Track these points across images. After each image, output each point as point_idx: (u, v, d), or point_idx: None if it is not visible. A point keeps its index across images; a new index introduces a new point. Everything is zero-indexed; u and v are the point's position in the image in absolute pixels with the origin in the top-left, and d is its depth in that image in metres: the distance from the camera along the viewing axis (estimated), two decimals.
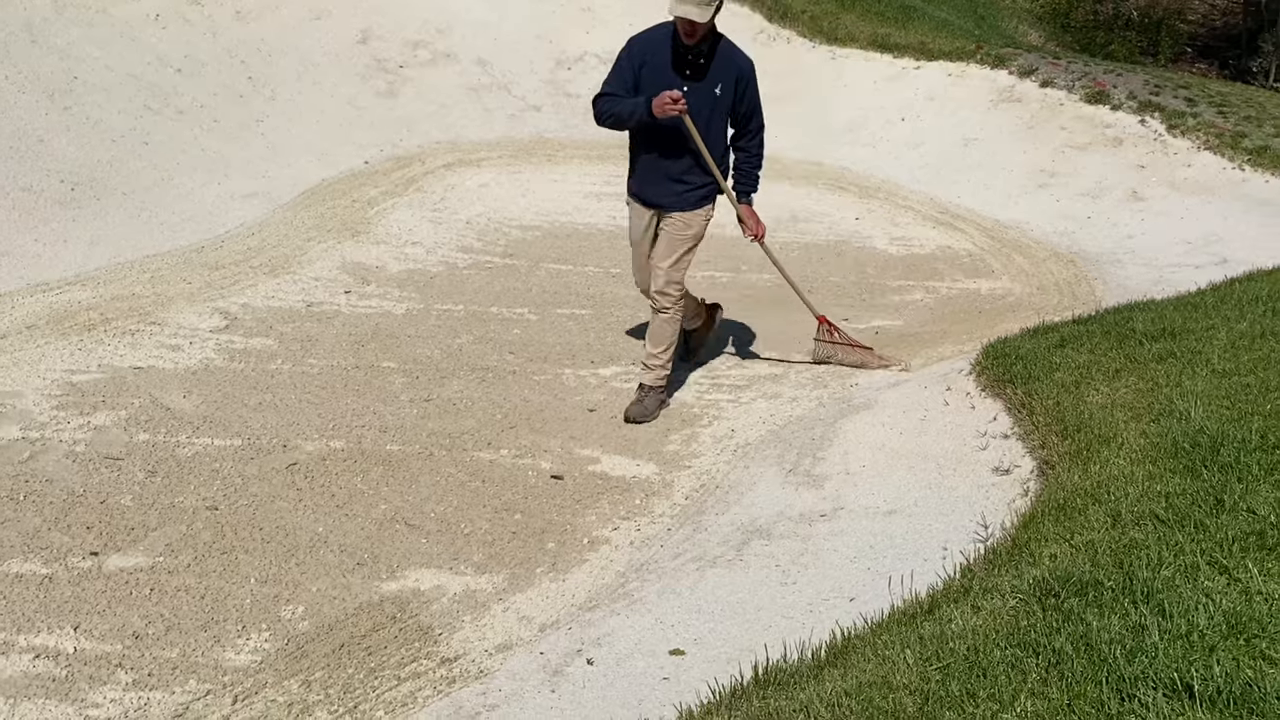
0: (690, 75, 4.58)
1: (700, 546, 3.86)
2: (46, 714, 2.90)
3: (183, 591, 3.48)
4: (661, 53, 4.57)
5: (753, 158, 4.96)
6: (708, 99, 4.62)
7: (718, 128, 4.74)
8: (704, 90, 4.60)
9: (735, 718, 2.15)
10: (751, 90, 4.77)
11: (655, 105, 4.42)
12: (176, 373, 4.99)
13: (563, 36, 10.13)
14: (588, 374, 5.38)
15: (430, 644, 3.32)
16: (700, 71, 4.59)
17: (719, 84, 4.63)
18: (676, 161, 4.72)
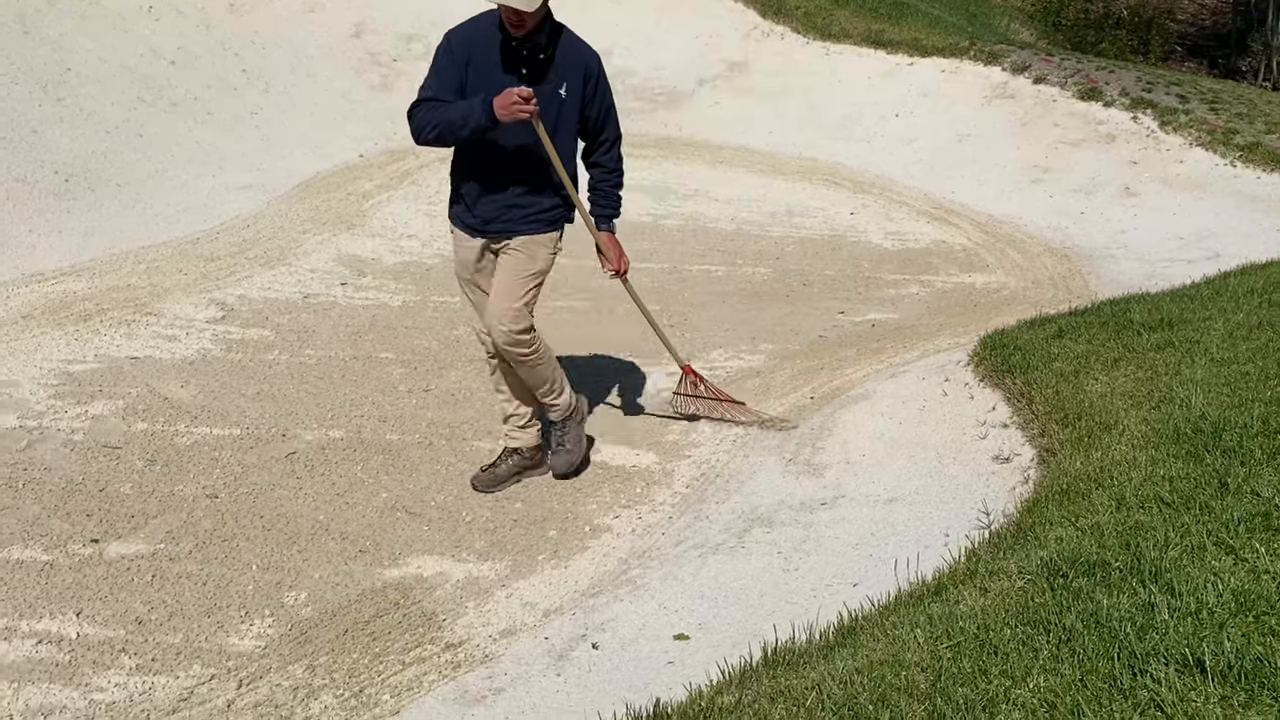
0: (527, 75, 3.70)
1: (702, 534, 3.86)
2: (51, 698, 2.88)
3: (184, 578, 3.47)
4: (489, 49, 3.69)
5: (610, 174, 4.06)
6: (551, 104, 3.73)
7: (565, 139, 3.85)
8: (545, 93, 3.71)
9: (747, 696, 2.16)
10: (603, 91, 3.90)
11: (498, 105, 3.52)
12: (174, 363, 4.97)
13: None
14: (585, 366, 5.37)
15: (434, 629, 3.31)
16: (539, 71, 3.72)
17: (563, 84, 3.76)
18: (515, 178, 3.83)
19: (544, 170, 3.84)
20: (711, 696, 2.23)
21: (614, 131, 4.01)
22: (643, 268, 6.72)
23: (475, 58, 3.69)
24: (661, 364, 5.39)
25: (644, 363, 5.39)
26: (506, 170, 3.83)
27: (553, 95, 3.74)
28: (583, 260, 6.85)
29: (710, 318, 6.04)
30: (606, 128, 3.97)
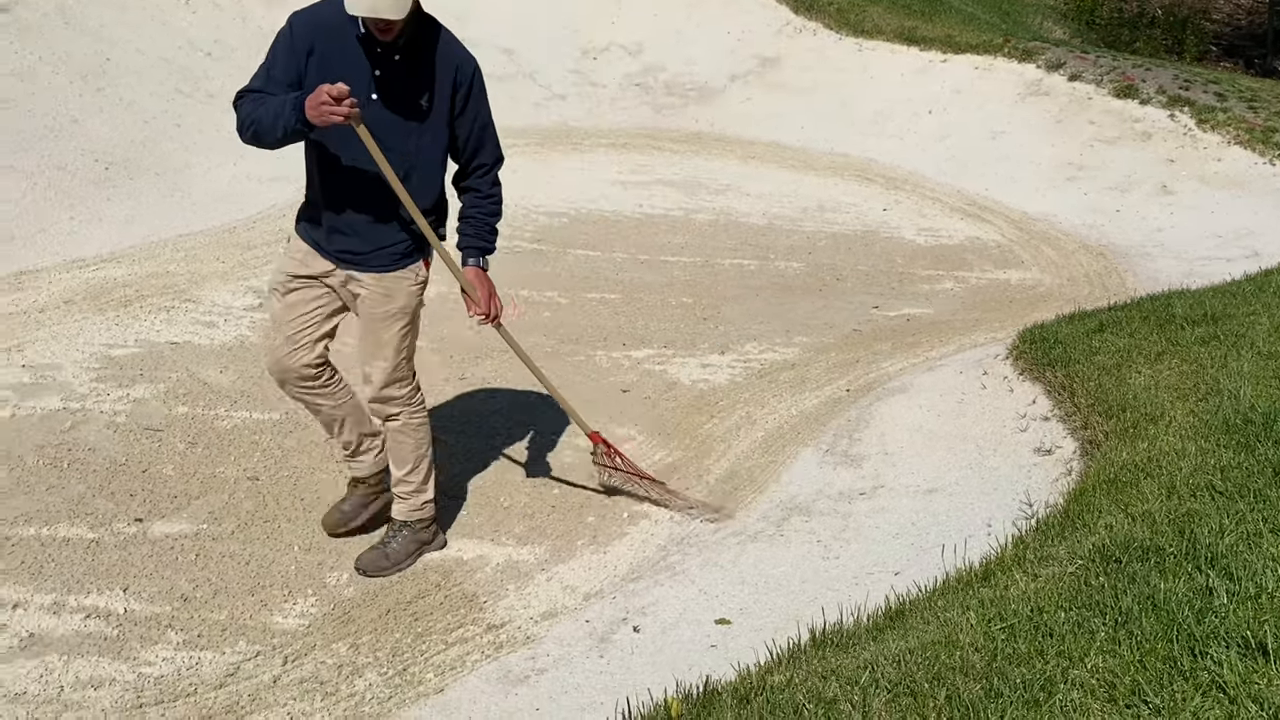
0: (380, 78, 3.05)
1: (739, 522, 3.86)
2: (100, 670, 2.91)
3: (228, 558, 3.49)
4: (338, 40, 3.02)
5: (484, 201, 3.37)
6: (410, 114, 3.11)
7: (430, 157, 3.19)
8: (403, 103, 3.09)
9: (798, 675, 2.15)
10: (476, 105, 3.22)
11: (308, 105, 2.85)
12: (212, 349, 5.01)
13: (588, 25, 10.14)
14: (620, 356, 5.38)
15: (476, 610, 3.33)
16: (395, 75, 3.07)
17: (425, 94, 3.11)
18: (365, 200, 3.15)
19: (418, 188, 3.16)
20: (762, 675, 2.23)
21: (492, 154, 3.33)
22: (674, 261, 6.73)
23: (319, 49, 3.02)
24: (696, 355, 5.39)
25: (677, 354, 5.39)
26: (356, 190, 3.15)
27: (411, 106, 3.11)
28: (612, 252, 6.87)
29: (743, 311, 6.03)
30: (482, 150, 3.28)
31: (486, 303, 3.43)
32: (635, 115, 9.39)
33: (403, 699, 2.92)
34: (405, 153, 3.13)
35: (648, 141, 8.91)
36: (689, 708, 2.16)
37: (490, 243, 3.46)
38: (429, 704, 2.88)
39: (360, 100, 2.95)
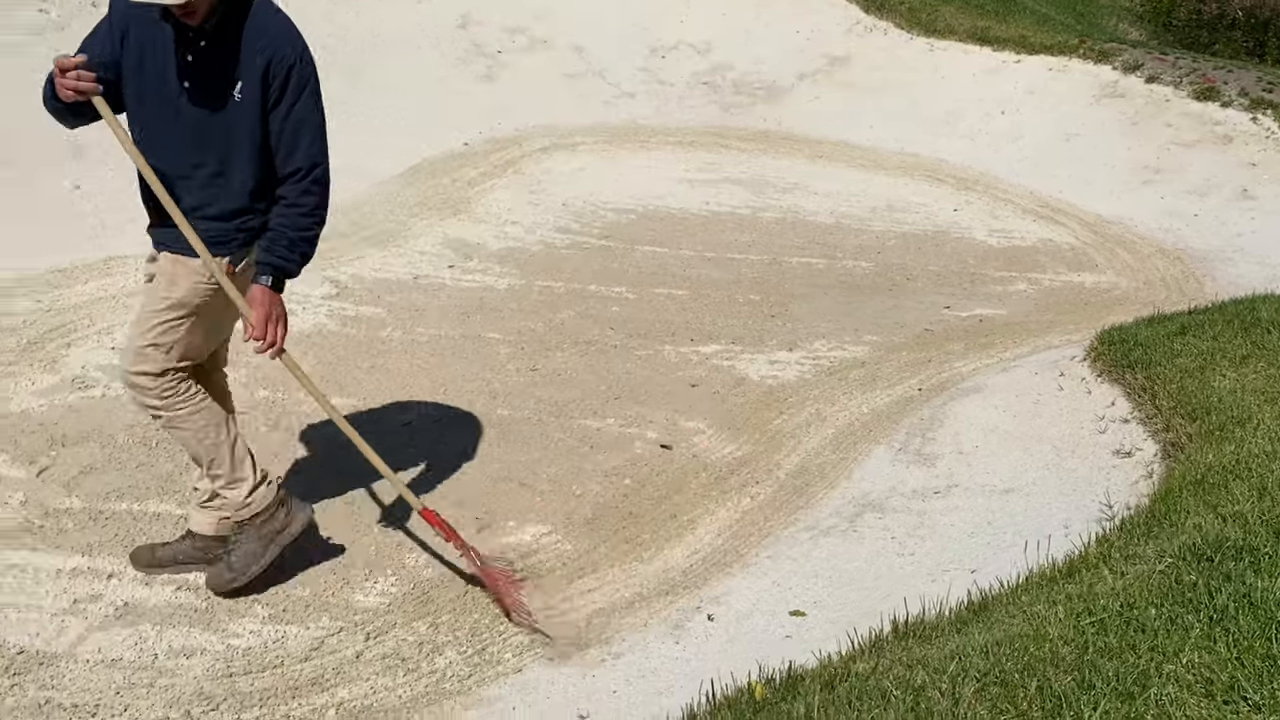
0: (192, 64, 2.81)
1: (812, 517, 3.86)
2: (192, 640, 3.01)
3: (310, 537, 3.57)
4: (156, 26, 2.81)
5: (289, 211, 2.95)
6: (220, 104, 2.82)
7: (244, 153, 2.88)
8: (214, 90, 2.81)
9: (882, 664, 2.16)
10: (292, 96, 2.86)
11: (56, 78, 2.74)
12: (292, 336, 5.04)
13: (657, 24, 10.17)
14: (688, 351, 5.40)
15: (552, 594, 3.37)
16: (206, 62, 2.81)
17: (239, 84, 2.81)
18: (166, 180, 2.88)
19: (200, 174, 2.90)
20: (845, 663, 2.23)
21: (306, 158, 2.90)
22: (741, 258, 6.74)
23: (134, 31, 2.83)
24: (764, 352, 5.39)
25: (745, 350, 5.40)
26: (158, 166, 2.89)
27: (222, 95, 2.82)
28: (679, 249, 6.89)
29: (812, 309, 6.01)
30: (294, 153, 2.89)
31: (261, 327, 2.96)
32: (703, 113, 9.40)
33: (482, 677, 2.97)
34: (216, 146, 2.86)
35: (715, 140, 8.92)
36: (772, 691, 2.18)
37: (288, 259, 2.97)
38: (508, 683, 2.92)
39: (172, 89, 2.83)
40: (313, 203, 2.94)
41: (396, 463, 4.09)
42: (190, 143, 2.87)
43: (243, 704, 2.84)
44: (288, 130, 2.87)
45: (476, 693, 2.89)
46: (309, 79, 2.89)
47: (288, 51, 2.85)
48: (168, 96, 2.85)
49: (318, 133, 2.92)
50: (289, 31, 2.90)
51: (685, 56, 9.92)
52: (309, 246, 2.99)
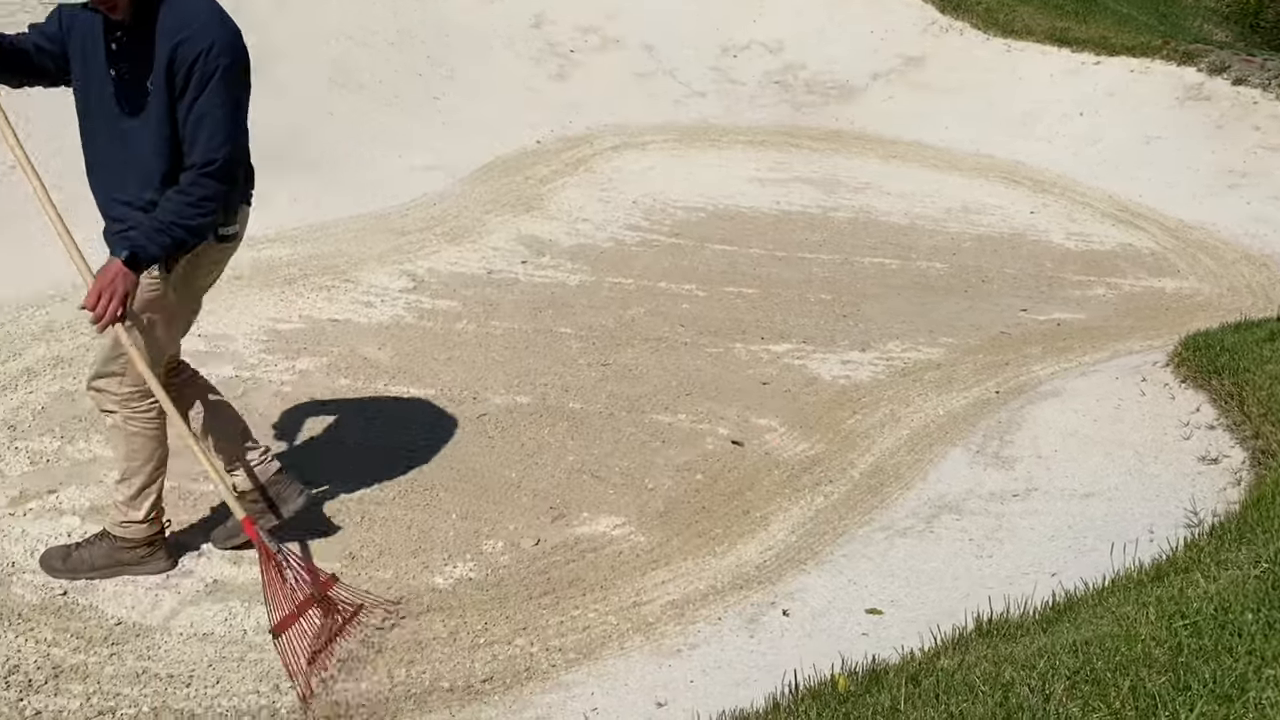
0: (116, 52, 2.84)
1: (887, 517, 3.84)
2: None
3: (390, 521, 3.65)
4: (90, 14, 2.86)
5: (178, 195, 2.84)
6: (135, 94, 2.83)
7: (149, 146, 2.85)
8: (132, 80, 2.83)
9: (968, 660, 2.14)
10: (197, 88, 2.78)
11: None
12: (370, 327, 5.22)
13: (729, 24, 10.17)
14: (759, 349, 5.39)
15: (625, 585, 3.39)
16: (127, 50, 2.82)
17: (152, 72, 2.79)
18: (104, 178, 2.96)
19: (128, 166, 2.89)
20: (929, 659, 2.22)
21: (202, 153, 2.81)
22: (812, 258, 6.71)
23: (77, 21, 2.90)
24: (836, 352, 5.37)
25: (817, 350, 5.38)
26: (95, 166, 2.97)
27: (138, 86, 2.81)
28: (749, 248, 6.89)
29: (884, 309, 5.97)
30: (194, 145, 2.81)
31: (93, 297, 2.80)
32: (774, 113, 9.38)
33: (556, 662, 3.01)
34: (138, 137, 2.84)
35: (786, 139, 8.89)
36: (855, 684, 2.17)
37: (151, 241, 2.82)
38: (583, 669, 2.95)
39: (101, 78, 2.85)
40: (199, 194, 2.83)
41: (472, 453, 4.16)
42: (117, 133, 2.87)
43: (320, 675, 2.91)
44: (190, 122, 2.80)
45: (553, 677, 2.92)
46: (217, 70, 2.78)
47: (199, 41, 2.76)
48: (98, 86, 2.88)
49: (219, 126, 2.82)
50: (207, 21, 2.82)
51: (757, 56, 9.90)
52: (185, 234, 2.85)
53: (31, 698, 2.77)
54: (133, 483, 3.12)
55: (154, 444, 3.12)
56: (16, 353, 4.44)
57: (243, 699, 2.84)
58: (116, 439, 3.12)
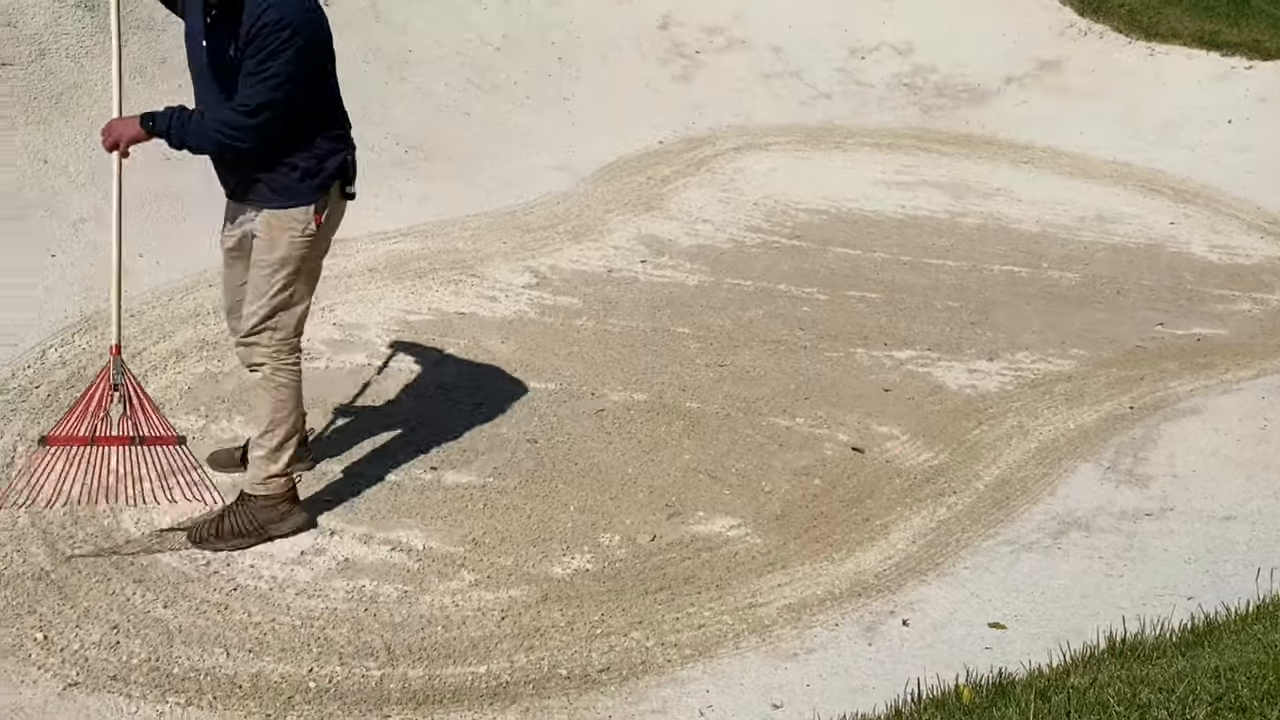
0: (209, 27, 3.14)
1: (1012, 531, 3.74)
2: (405, 596, 3.20)
3: (512, 510, 3.73)
4: None
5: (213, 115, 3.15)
6: (222, 64, 3.15)
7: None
8: (220, 51, 3.15)
9: (1101, 678, 2.07)
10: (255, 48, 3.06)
11: None
12: (494, 320, 5.35)
13: (858, 25, 10.04)
14: (881, 355, 5.31)
15: (741, 585, 3.40)
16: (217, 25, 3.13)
17: (233, 43, 3.10)
18: None
19: None
20: (1058, 675, 2.16)
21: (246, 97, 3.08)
22: (938, 264, 6.57)
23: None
24: (963, 360, 5.25)
25: (942, 357, 5.27)
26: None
27: (224, 56, 3.12)
28: (873, 252, 6.78)
29: (1014, 318, 5.81)
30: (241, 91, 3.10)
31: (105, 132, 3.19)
32: (902, 115, 9.21)
33: (671, 658, 3.03)
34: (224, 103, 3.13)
35: (914, 142, 8.73)
36: (980, 697, 2.13)
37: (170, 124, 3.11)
38: (698, 667, 2.97)
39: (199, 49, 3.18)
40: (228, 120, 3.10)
41: (591, 448, 4.22)
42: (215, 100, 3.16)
43: (441, 655, 3.01)
44: (244, 75, 3.08)
45: (669, 672, 2.94)
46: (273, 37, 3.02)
47: (263, 12, 3.02)
48: (196, 57, 3.19)
49: (264, 85, 3.06)
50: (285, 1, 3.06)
51: (886, 57, 9.75)
52: (196, 139, 3.14)
53: (174, 665, 2.94)
54: (276, 434, 3.32)
55: (297, 396, 3.37)
56: (166, 335, 4.70)
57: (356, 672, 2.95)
58: (262, 393, 3.33)
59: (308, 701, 2.85)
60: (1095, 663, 2.31)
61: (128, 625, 3.06)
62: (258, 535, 3.33)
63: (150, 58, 6.28)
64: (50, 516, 3.47)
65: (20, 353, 4.35)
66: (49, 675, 2.86)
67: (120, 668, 2.91)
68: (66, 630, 3.02)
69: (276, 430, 3.32)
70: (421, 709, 2.85)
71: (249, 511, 3.34)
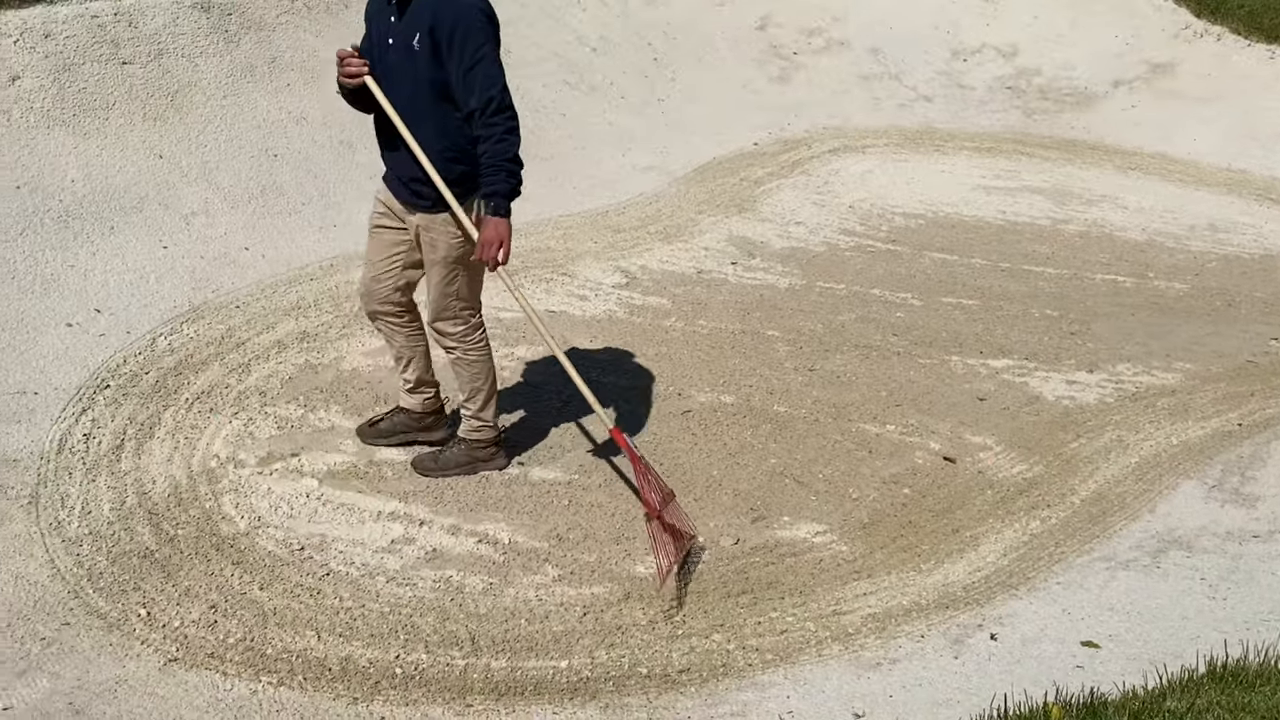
0: (395, 23, 3.33)
1: (1109, 548, 3.62)
2: (490, 588, 3.24)
3: (596, 507, 3.75)
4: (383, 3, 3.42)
5: (485, 144, 3.34)
6: (408, 58, 3.32)
7: (424, 100, 3.33)
8: (404, 46, 3.32)
9: (1199, 704, 1.99)
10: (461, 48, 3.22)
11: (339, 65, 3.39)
12: (584, 319, 5.39)
13: (961, 27, 9.84)
14: (976, 363, 5.19)
15: (825, 593, 3.36)
16: (401, 19, 3.31)
17: (416, 35, 3.27)
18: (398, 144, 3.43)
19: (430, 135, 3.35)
20: (1154, 698, 2.08)
21: (479, 98, 3.27)
22: (1038, 271, 6.40)
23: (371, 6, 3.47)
24: (1061, 371, 5.10)
25: (1039, 367, 5.13)
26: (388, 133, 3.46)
27: (408, 50, 3.29)
28: (970, 258, 6.64)
29: (1116, 329, 5.62)
30: (470, 95, 3.26)
31: (481, 249, 3.42)
32: (1004, 119, 9.00)
33: (752, 662, 3.01)
34: (410, 97, 3.33)
35: (1016, 147, 8.52)
36: (1070, 716, 2.07)
37: (499, 183, 3.36)
38: (779, 672, 2.94)
39: (381, 47, 3.37)
40: (499, 129, 3.32)
41: (676, 449, 4.22)
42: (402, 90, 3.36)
43: (523, 648, 3.04)
44: (459, 76, 3.26)
45: (749, 676, 2.93)
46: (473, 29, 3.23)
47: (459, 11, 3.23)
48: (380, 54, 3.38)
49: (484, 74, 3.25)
50: None
51: (989, 60, 9.53)
52: (510, 164, 3.37)
53: (267, 645, 3.03)
54: (478, 398, 3.82)
55: (488, 365, 3.84)
56: (269, 326, 4.85)
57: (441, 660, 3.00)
58: (459, 369, 3.80)
59: (393, 687, 2.92)
60: (1193, 687, 2.23)
61: (225, 605, 3.17)
62: (469, 469, 3.86)
63: (261, 57, 6.50)
64: (155, 498, 3.62)
65: (132, 340, 4.55)
66: (151, 650, 2.98)
67: (217, 646, 3.02)
68: (168, 607, 3.15)
69: (477, 395, 3.82)
70: (503, 700, 2.89)
71: (464, 450, 3.87)
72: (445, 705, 2.86)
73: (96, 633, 3.02)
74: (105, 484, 3.68)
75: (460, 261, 3.58)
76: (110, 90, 5.79)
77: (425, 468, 3.87)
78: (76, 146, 5.44)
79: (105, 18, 6.00)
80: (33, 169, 5.20)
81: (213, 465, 3.80)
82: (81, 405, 4.11)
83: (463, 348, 3.75)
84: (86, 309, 4.57)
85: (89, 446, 3.87)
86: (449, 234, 3.51)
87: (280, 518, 3.56)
